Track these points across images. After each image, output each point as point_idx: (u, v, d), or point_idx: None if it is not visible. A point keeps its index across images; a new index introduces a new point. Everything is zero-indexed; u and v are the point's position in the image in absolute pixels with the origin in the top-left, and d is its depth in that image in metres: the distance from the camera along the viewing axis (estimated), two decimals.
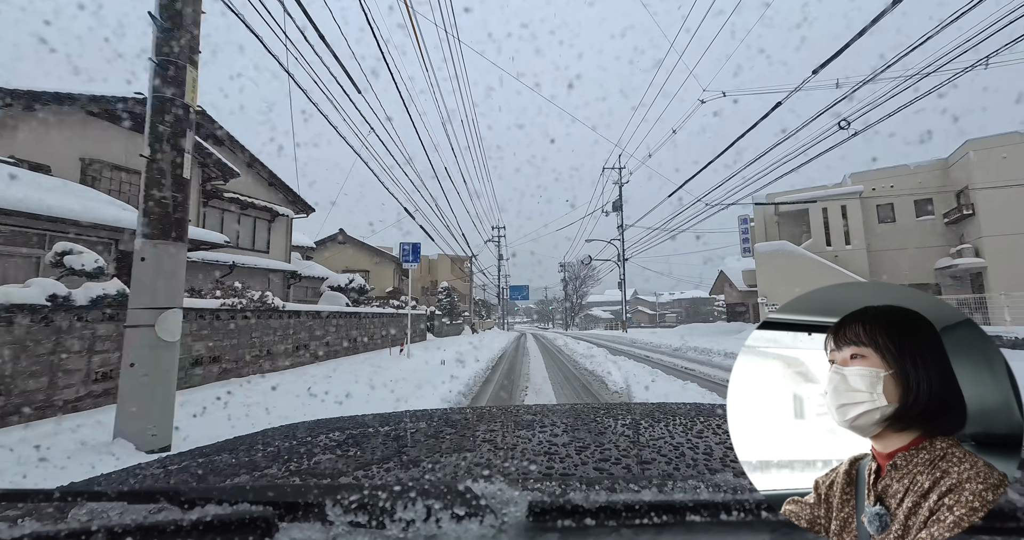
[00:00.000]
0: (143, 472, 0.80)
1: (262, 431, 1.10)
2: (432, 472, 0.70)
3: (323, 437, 0.98)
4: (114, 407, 3.74)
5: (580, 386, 7.85)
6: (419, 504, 0.50)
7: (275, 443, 0.95)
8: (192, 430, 4.17)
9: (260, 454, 0.87)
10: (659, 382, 7.44)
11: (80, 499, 0.57)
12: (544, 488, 0.54)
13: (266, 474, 0.75)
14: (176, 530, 0.49)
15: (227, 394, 6.33)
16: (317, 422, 1.16)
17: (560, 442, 0.84)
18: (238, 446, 0.94)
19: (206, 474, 0.78)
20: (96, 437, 3.93)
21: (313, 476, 0.73)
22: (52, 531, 0.49)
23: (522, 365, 11.63)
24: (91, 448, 3.64)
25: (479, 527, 0.49)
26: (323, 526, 0.50)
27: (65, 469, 3.24)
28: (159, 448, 3.60)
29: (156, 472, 0.79)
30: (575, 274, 67.21)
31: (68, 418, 4.94)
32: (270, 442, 0.96)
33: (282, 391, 6.69)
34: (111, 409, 3.90)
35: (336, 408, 5.55)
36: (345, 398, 6.06)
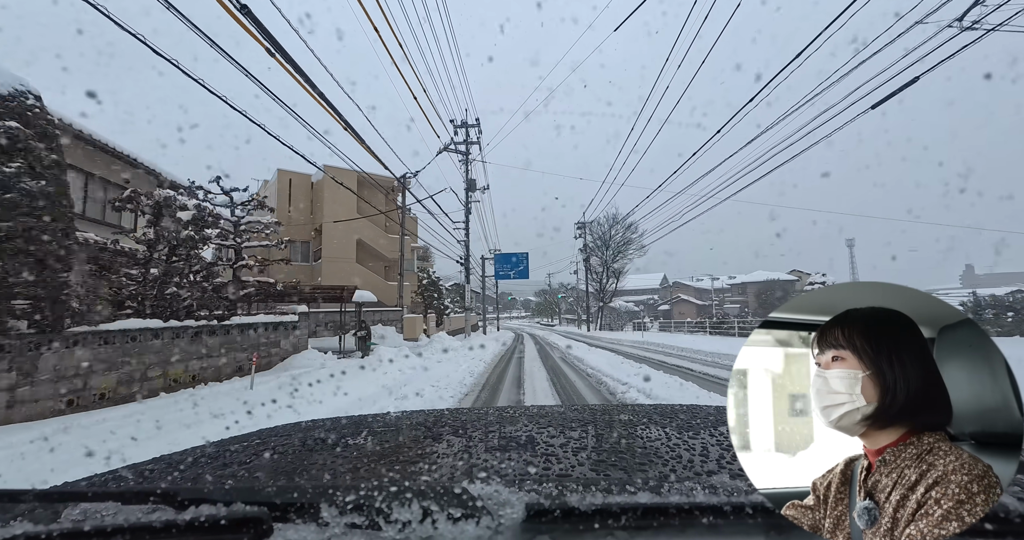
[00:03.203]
0: (137, 472, 0.79)
1: (257, 431, 1.08)
2: (428, 473, 0.70)
3: (319, 437, 0.97)
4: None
5: None
6: (415, 505, 0.50)
7: (270, 443, 0.94)
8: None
9: (254, 454, 0.86)
10: None
11: (74, 499, 0.56)
12: (541, 490, 0.54)
13: (260, 474, 0.74)
14: (169, 530, 0.48)
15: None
16: (313, 422, 1.15)
17: (557, 443, 0.84)
18: (232, 446, 0.93)
19: (200, 474, 0.77)
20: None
21: (308, 477, 0.72)
22: (45, 531, 0.48)
23: None
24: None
25: (475, 528, 0.49)
26: (318, 527, 0.50)
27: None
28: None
29: (150, 472, 0.78)
30: (603, 239, 40.57)
31: None
32: (265, 442, 0.95)
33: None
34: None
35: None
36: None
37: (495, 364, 11.88)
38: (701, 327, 29.36)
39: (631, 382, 7.69)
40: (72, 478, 0.83)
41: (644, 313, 54.77)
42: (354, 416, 1.19)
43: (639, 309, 57.72)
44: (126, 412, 6.14)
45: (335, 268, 20.88)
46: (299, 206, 21.80)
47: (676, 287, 61.78)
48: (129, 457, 4.09)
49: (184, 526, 0.49)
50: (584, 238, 41.47)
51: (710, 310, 53.09)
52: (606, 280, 41.68)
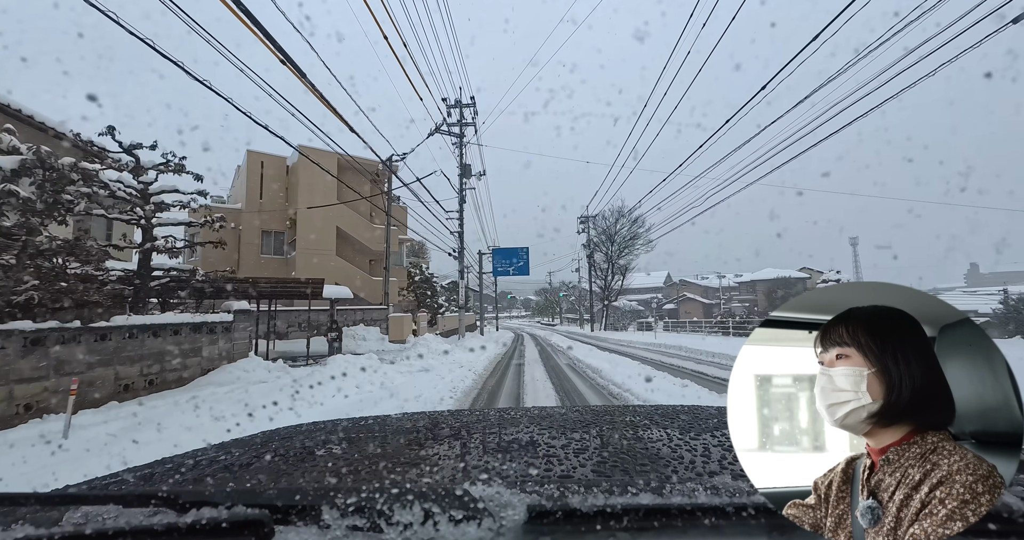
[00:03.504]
0: (138, 475, 0.79)
1: (260, 433, 1.08)
2: (430, 475, 0.70)
3: (320, 439, 0.97)
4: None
5: None
6: (416, 507, 0.51)
7: (271, 445, 0.94)
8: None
9: (256, 456, 0.86)
10: None
11: (75, 502, 0.57)
12: (542, 491, 0.55)
13: (262, 477, 0.75)
14: (171, 533, 0.49)
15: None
16: (314, 424, 1.15)
17: (559, 445, 0.84)
18: (234, 448, 0.93)
19: (201, 476, 0.77)
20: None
21: (309, 479, 0.72)
22: (47, 535, 0.49)
23: None
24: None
25: (477, 530, 0.49)
26: (319, 529, 0.50)
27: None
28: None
29: (151, 475, 0.79)
30: (608, 233, 37.89)
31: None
32: (265, 444, 0.96)
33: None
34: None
35: None
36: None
37: (488, 375, 9.66)
38: (722, 327, 26.44)
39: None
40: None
41: (648, 312, 51.06)
42: (355, 418, 1.20)
43: (642, 308, 54.31)
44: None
45: (312, 261, 18.31)
46: (273, 191, 18.86)
47: (682, 285, 58.55)
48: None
49: (185, 529, 0.49)
50: (588, 232, 38.76)
51: (717, 309, 50.32)
52: (611, 277, 38.92)
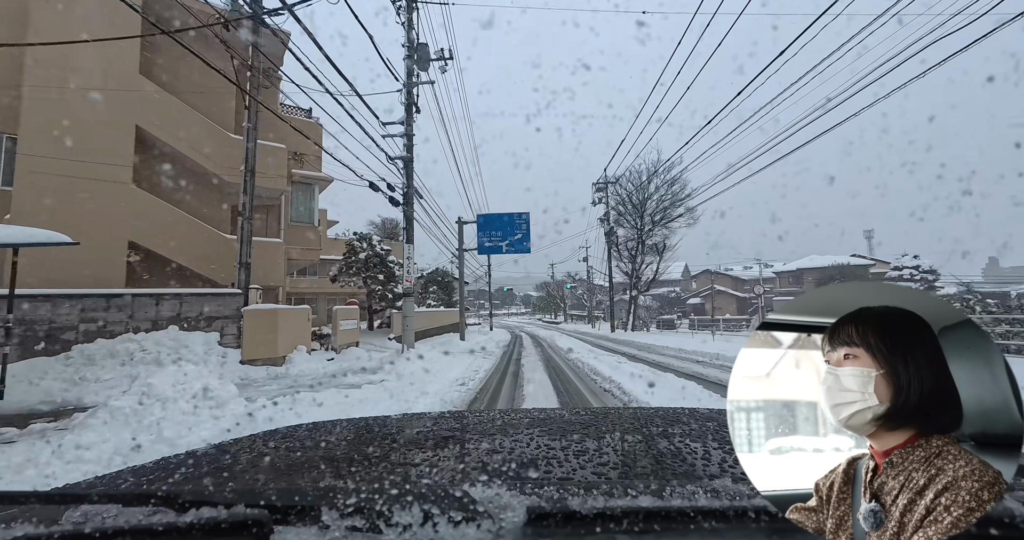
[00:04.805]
0: (138, 474, 0.80)
1: (260, 433, 1.09)
2: (429, 476, 0.70)
3: (320, 440, 0.98)
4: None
5: None
6: (416, 508, 0.50)
7: (270, 445, 0.95)
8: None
9: (255, 456, 0.87)
10: None
11: (74, 501, 0.57)
12: (542, 493, 0.55)
13: (261, 477, 0.75)
14: (170, 533, 0.49)
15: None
16: (315, 425, 1.16)
17: (559, 446, 0.84)
18: (233, 448, 0.94)
19: (201, 476, 0.77)
20: None
21: (309, 479, 0.73)
22: (46, 533, 0.49)
23: None
24: None
25: (476, 532, 0.49)
26: (318, 530, 0.50)
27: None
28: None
29: (151, 474, 0.79)
30: (635, 200, 27.20)
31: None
32: (265, 444, 0.96)
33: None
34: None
35: None
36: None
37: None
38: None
39: None
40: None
41: (668, 309, 44.37)
42: (355, 419, 1.20)
43: (658, 304, 45.64)
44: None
45: (60, 188, 8.82)
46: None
47: (711, 276, 47.16)
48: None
49: (185, 528, 0.49)
50: (607, 202, 28.01)
51: (753, 304, 38.84)
52: (640, 259, 27.49)
